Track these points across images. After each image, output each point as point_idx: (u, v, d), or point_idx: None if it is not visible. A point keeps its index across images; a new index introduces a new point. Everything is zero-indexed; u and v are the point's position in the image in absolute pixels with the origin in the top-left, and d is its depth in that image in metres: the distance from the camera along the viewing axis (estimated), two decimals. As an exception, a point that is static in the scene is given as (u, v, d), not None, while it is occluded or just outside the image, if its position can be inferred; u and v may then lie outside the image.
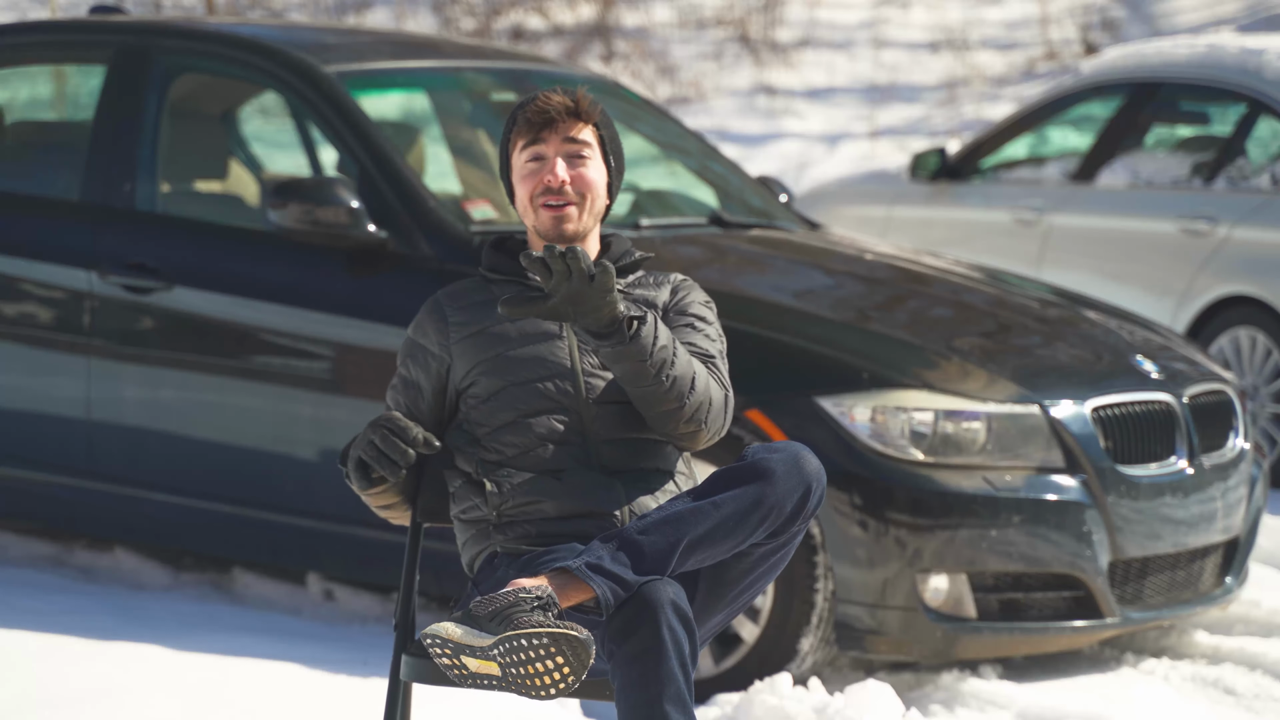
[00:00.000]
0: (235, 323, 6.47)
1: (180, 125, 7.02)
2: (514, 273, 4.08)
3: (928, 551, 5.70)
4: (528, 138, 4.03)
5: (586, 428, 3.97)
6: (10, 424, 6.84)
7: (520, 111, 4.04)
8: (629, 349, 3.82)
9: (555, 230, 4.01)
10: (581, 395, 3.98)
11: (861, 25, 18.79)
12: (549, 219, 4.01)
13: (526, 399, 3.97)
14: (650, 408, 3.91)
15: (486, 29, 18.27)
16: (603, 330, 3.80)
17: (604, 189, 4.05)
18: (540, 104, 4.01)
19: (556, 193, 4.00)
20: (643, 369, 3.84)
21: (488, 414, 3.99)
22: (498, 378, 3.98)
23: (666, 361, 3.86)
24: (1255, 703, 5.93)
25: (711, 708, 5.60)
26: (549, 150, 4.02)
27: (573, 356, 4.01)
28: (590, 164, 4.03)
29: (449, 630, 3.65)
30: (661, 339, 3.85)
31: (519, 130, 4.04)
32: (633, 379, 3.87)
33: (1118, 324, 6.62)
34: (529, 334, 4.01)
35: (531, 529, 3.92)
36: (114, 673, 5.54)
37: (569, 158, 4.02)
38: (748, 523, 3.77)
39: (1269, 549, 7.38)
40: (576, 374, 3.99)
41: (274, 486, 6.43)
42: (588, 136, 4.04)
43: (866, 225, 10.17)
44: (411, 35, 9.55)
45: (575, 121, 4.03)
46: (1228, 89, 9.22)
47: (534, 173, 4.03)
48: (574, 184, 4.01)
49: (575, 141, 4.03)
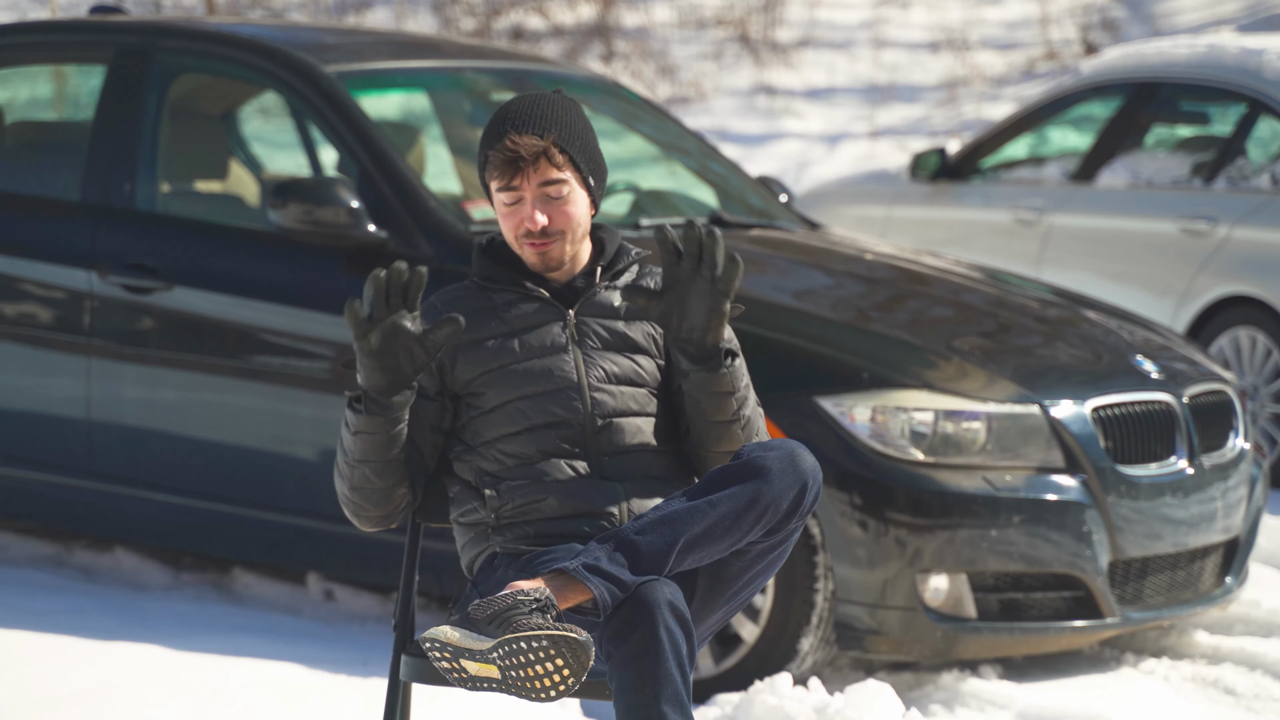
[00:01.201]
0: (235, 323, 6.47)
1: (180, 125, 7.02)
2: (510, 281, 4.04)
3: (928, 551, 5.70)
4: (501, 181, 3.96)
5: (590, 442, 3.95)
6: (10, 424, 6.84)
7: (490, 149, 3.94)
8: (719, 378, 3.85)
9: (541, 264, 3.99)
10: (587, 410, 3.96)
11: (861, 25, 18.79)
12: (533, 254, 3.98)
13: (531, 412, 3.94)
14: (716, 444, 3.93)
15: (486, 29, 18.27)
16: (702, 352, 3.82)
17: (585, 215, 4.00)
18: (510, 147, 3.91)
19: (537, 235, 3.98)
20: (728, 402, 3.88)
21: (489, 425, 3.96)
22: (503, 390, 3.95)
23: (746, 400, 3.91)
24: (1255, 703, 5.93)
25: (711, 708, 5.60)
26: (525, 193, 3.95)
27: (579, 370, 3.98)
28: (568, 199, 3.96)
29: (447, 634, 3.65)
30: (745, 376, 3.88)
31: (491, 169, 3.96)
32: (715, 410, 3.89)
33: (1118, 324, 6.62)
34: (535, 347, 3.98)
35: (531, 530, 3.91)
36: (113, 673, 5.54)
37: (545, 200, 3.95)
38: (744, 521, 3.77)
39: (1269, 549, 7.38)
40: (583, 388, 3.97)
41: (274, 486, 6.43)
42: (562, 174, 3.95)
43: (866, 225, 10.17)
44: (411, 35, 9.55)
45: (546, 164, 3.94)
46: (1228, 89, 9.23)
47: (514, 212, 3.97)
48: (553, 224, 3.96)
49: (550, 183, 3.95)
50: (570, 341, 4.00)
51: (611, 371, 3.98)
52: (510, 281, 4.04)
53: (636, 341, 4.03)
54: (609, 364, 3.99)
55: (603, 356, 3.99)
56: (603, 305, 4.03)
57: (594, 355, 3.99)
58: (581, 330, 4.01)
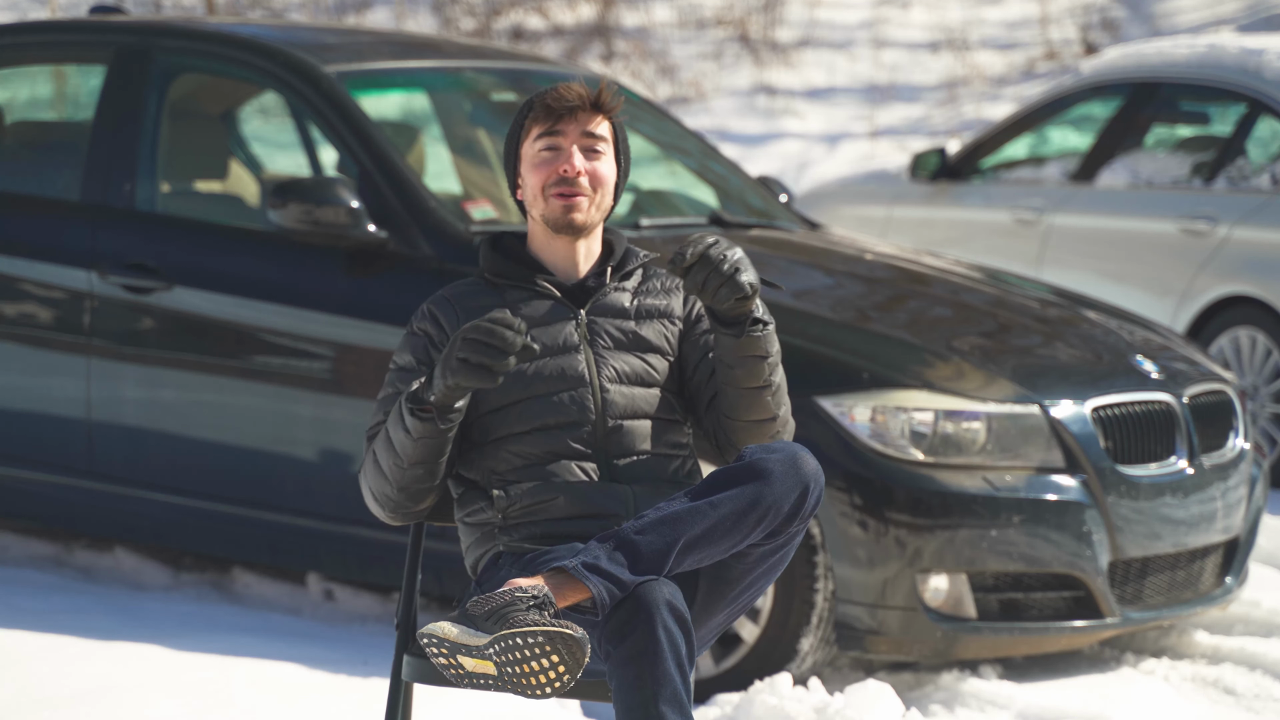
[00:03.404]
0: (235, 323, 6.47)
1: (180, 125, 7.02)
2: (518, 276, 4.04)
3: (928, 551, 5.70)
4: (545, 126, 3.99)
5: (600, 442, 3.95)
6: (10, 424, 6.84)
7: (539, 98, 4.00)
8: (752, 340, 3.85)
9: (564, 219, 3.99)
10: (598, 410, 3.96)
11: (861, 25, 18.79)
12: (560, 206, 3.98)
13: (542, 411, 3.94)
14: (747, 413, 3.94)
15: (486, 29, 18.27)
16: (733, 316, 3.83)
17: (613, 185, 4.04)
18: (562, 91, 3.98)
19: (570, 183, 3.98)
20: (760, 367, 3.88)
21: (499, 423, 3.95)
22: (513, 388, 3.94)
23: (777, 368, 3.92)
24: (1255, 703, 5.93)
25: (711, 708, 5.60)
26: (566, 141, 3.99)
27: (590, 370, 3.98)
28: (605, 159, 4.01)
29: (445, 629, 3.65)
30: (776, 343, 3.90)
31: (535, 117, 4.00)
32: (746, 375, 3.89)
33: (1118, 324, 6.62)
34: (547, 346, 3.97)
35: (537, 530, 3.90)
36: (114, 672, 5.54)
37: (585, 150, 4.00)
38: (745, 523, 3.76)
39: (1269, 549, 7.38)
40: (594, 388, 3.97)
41: (274, 486, 6.43)
42: (604, 131, 4.02)
43: (866, 225, 10.17)
44: (411, 35, 9.55)
45: (595, 114, 4.00)
46: (1228, 89, 9.23)
47: (548, 161, 3.99)
48: (588, 176, 4.00)
49: (593, 135, 4.00)
50: (582, 341, 4.00)
51: (623, 371, 3.98)
52: (521, 278, 4.04)
53: (649, 340, 4.03)
54: (620, 363, 3.99)
55: (614, 356, 3.99)
56: (614, 305, 4.03)
57: (605, 355, 3.99)
58: (593, 330, 4.01)
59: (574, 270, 4.05)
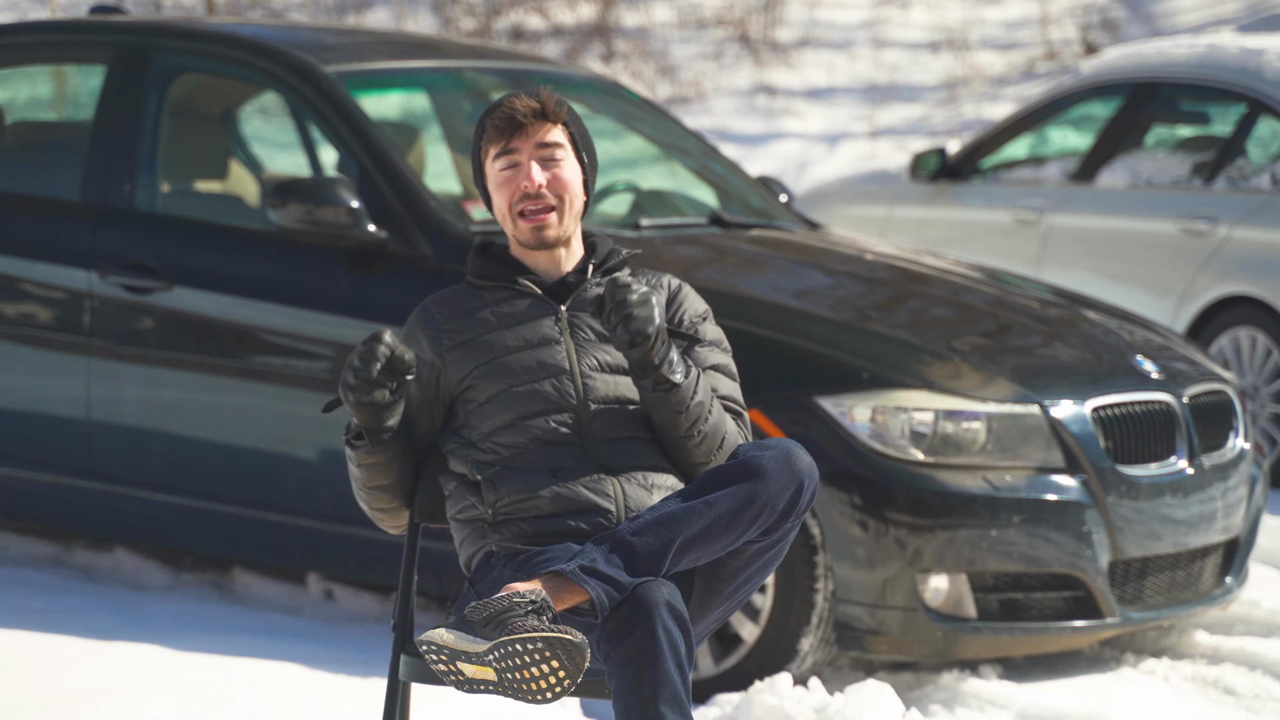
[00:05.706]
0: (235, 323, 6.47)
1: (180, 125, 7.02)
2: (503, 279, 4.07)
3: (928, 551, 5.70)
4: (499, 145, 4.02)
5: (584, 428, 3.97)
6: (10, 424, 6.84)
7: (488, 118, 4.03)
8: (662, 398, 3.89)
9: (536, 239, 4.03)
10: (580, 396, 3.98)
11: (861, 25, 18.78)
12: (528, 229, 4.03)
13: (525, 400, 3.97)
14: (674, 453, 3.98)
15: (486, 29, 18.27)
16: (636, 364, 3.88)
17: (580, 187, 4.06)
18: (507, 109, 4.00)
19: (534, 198, 4.01)
20: (676, 420, 3.92)
21: (485, 416, 3.98)
22: (497, 380, 3.98)
23: (701, 418, 3.93)
24: (1255, 703, 5.93)
25: (711, 708, 5.60)
26: (522, 156, 4.02)
27: (571, 358, 4.00)
28: (565, 164, 4.03)
29: (443, 637, 3.65)
30: (699, 395, 3.92)
31: (489, 138, 4.03)
32: (665, 422, 3.94)
33: (1118, 324, 6.62)
34: (528, 339, 4.00)
35: (527, 527, 3.91)
36: (114, 672, 5.54)
37: (542, 161, 4.02)
38: (740, 521, 3.77)
39: (1269, 549, 7.38)
40: (575, 374, 3.99)
41: (274, 486, 6.43)
42: (558, 137, 4.03)
43: (866, 225, 10.17)
44: (411, 35, 9.55)
45: (544, 123, 4.02)
46: (1228, 89, 9.23)
47: (509, 180, 4.02)
48: (550, 187, 4.01)
49: (547, 145, 4.02)
50: (563, 334, 4.02)
51: (604, 361, 4.01)
52: (503, 279, 4.07)
53: None
54: (602, 354, 4.01)
55: (595, 347, 4.02)
56: (594, 301, 4.05)
57: (587, 346, 4.02)
58: (574, 324, 4.04)
59: (556, 273, 4.09)
